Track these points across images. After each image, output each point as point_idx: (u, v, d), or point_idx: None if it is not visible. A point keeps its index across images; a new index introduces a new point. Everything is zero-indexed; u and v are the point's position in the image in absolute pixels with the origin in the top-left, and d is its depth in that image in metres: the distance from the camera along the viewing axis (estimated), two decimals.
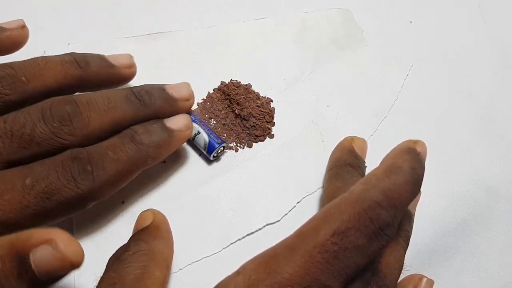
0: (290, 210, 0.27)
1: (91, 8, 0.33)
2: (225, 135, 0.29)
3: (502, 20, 0.38)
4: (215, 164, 0.28)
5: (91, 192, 0.22)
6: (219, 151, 0.27)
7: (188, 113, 0.27)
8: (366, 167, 0.27)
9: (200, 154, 0.28)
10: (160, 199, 0.26)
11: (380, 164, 0.22)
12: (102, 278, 0.20)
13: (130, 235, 0.23)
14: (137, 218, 0.24)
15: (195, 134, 0.27)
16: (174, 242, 0.24)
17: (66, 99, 0.23)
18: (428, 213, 0.28)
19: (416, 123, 0.31)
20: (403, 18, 0.36)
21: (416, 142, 0.23)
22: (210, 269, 0.25)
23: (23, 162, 0.21)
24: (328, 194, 0.25)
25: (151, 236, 0.22)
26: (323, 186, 0.28)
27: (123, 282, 0.19)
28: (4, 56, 0.24)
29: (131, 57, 0.27)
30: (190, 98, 0.26)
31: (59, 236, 0.17)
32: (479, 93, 0.34)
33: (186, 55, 0.31)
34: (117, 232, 0.25)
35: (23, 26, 0.25)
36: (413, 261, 0.27)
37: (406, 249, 0.23)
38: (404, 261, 0.23)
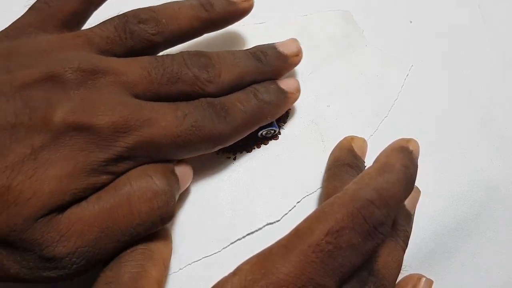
0: (290, 210, 0.27)
1: None
2: None
3: (502, 20, 0.38)
4: (215, 164, 0.28)
5: (222, 135, 0.24)
6: (268, 133, 0.28)
7: None
8: (365, 167, 0.27)
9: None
10: None
11: (373, 163, 0.22)
12: (98, 276, 0.20)
13: None
14: None
15: None
16: (174, 242, 0.24)
17: (200, 52, 0.25)
18: (428, 213, 0.28)
19: (416, 123, 0.31)
20: (403, 18, 0.36)
21: (408, 141, 0.23)
22: (210, 269, 0.25)
23: (167, 99, 0.23)
24: (326, 194, 0.25)
25: (149, 235, 0.22)
26: (322, 186, 0.28)
27: (119, 281, 0.20)
28: None
29: None
30: (299, 53, 0.28)
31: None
32: (479, 93, 0.34)
33: None
34: None
35: None
36: (412, 261, 0.27)
37: (405, 250, 0.23)
38: (403, 261, 0.23)
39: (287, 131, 0.30)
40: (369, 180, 0.20)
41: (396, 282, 0.23)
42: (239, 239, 0.26)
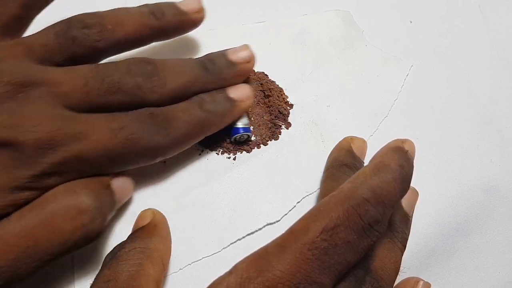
0: (290, 210, 0.27)
1: None
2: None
3: (502, 20, 0.38)
4: (215, 164, 0.28)
5: (162, 147, 0.23)
6: (241, 138, 0.28)
7: None
8: None
9: (200, 153, 0.28)
10: (160, 199, 0.26)
11: (368, 163, 0.22)
12: (97, 275, 0.20)
13: None
14: (137, 217, 0.24)
15: None
16: (174, 242, 0.24)
17: (146, 59, 0.24)
18: (428, 213, 0.28)
19: (416, 123, 0.31)
20: (403, 18, 0.36)
21: (404, 141, 0.23)
22: (210, 269, 0.25)
23: (105, 109, 0.23)
24: (324, 194, 0.25)
25: (148, 234, 0.22)
26: (320, 187, 0.28)
27: (117, 279, 0.20)
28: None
29: (200, 1, 0.27)
30: (251, 59, 0.27)
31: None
32: (479, 93, 0.34)
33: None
34: (117, 232, 0.25)
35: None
36: (412, 261, 0.27)
37: (403, 251, 0.23)
38: (402, 263, 0.23)
39: (287, 131, 0.30)
40: (364, 179, 0.20)
41: (394, 284, 0.23)
42: (239, 239, 0.26)
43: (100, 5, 0.26)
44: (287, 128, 0.30)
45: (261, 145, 0.29)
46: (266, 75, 0.31)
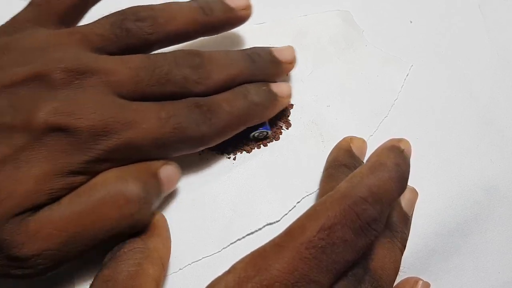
0: (290, 210, 0.27)
1: None
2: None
3: (502, 20, 0.38)
4: (215, 164, 0.28)
5: (205, 136, 0.24)
6: (261, 135, 0.28)
7: None
8: None
9: (200, 153, 0.28)
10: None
11: (365, 163, 0.22)
12: (97, 275, 0.20)
13: None
14: None
15: None
16: (174, 242, 0.24)
17: (193, 51, 0.25)
18: (428, 213, 0.28)
19: (416, 123, 0.31)
20: (403, 18, 0.36)
21: (399, 140, 0.23)
22: (210, 269, 0.25)
23: (154, 99, 0.23)
24: (322, 194, 0.25)
25: (148, 234, 0.22)
26: (319, 187, 0.28)
27: (117, 279, 0.20)
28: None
29: None
30: (293, 61, 0.28)
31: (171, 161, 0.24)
32: (479, 93, 0.34)
33: None
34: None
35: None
36: (413, 261, 0.27)
37: (403, 251, 0.23)
38: (401, 263, 0.23)
39: (287, 131, 0.30)
40: (361, 178, 0.20)
41: (394, 284, 0.23)
42: (239, 239, 0.26)
43: None
44: (287, 128, 0.30)
45: (261, 145, 0.29)
46: None
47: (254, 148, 0.29)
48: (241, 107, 0.25)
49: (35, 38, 0.23)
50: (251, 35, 0.33)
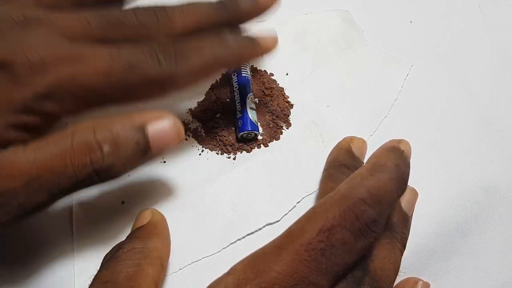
0: (290, 210, 0.27)
1: None
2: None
3: (502, 20, 0.38)
4: (215, 164, 0.28)
5: (172, 76, 0.22)
6: (249, 135, 0.28)
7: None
8: None
9: (200, 153, 0.28)
10: (160, 199, 0.26)
11: (365, 164, 0.22)
12: (95, 276, 0.20)
13: None
14: (136, 217, 0.24)
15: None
16: (174, 242, 0.24)
17: (153, 5, 0.24)
18: (428, 213, 0.28)
19: (416, 123, 0.31)
20: (403, 18, 0.36)
21: (399, 141, 0.23)
22: (210, 269, 0.25)
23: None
24: (322, 194, 0.25)
25: (147, 234, 0.22)
26: (319, 187, 0.28)
27: (115, 280, 0.20)
28: None
29: None
30: None
31: (171, 114, 0.21)
32: (479, 93, 0.34)
33: None
34: (117, 232, 0.25)
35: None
36: (413, 261, 0.27)
37: (403, 252, 0.23)
38: (401, 263, 0.23)
39: (287, 131, 0.30)
40: (360, 179, 0.20)
41: (394, 285, 0.23)
42: (239, 239, 0.26)
43: None
44: (287, 128, 0.30)
45: (261, 145, 0.29)
46: (267, 73, 0.31)
47: (254, 148, 0.29)
48: (215, 49, 0.23)
49: None
50: None
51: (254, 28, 0.26)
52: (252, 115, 0.28)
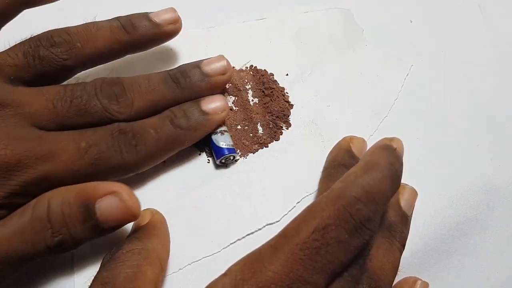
0: (290, 210, 0.27)
1: None
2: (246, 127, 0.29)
3: (502, 20, 0.38)
4: (215, 165, 0.28)
5: (133, 164, 0.24)
6: (228, 159, 0.27)
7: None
8: None
9: (200, 153, 0.28)
10: (160, 199, 0.26)
11: (358, 162, 0.22)
12: (95, 277, 0.20)
13: None
14: None
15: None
16: (174, 242, 0.24)
17: (114, 80, 0.24)
18: (428, 213, 0.28)
19: (416, 123, 0.31)
20: (403, 18, 0.36)
21: (392, 139, 0.23)
22: (210, 269, 0.25)
23: (74, 128, 0.23)
24: (321, 194, 0.25)
25: (146, 234, 0.22)
26: (318, 187, 0.28)
27: (115, 281, 0.20)
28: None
29: (175, 11, 0.27)
30: (226, 71, 0.27)
31: (123, 189, 0.20)
32: (479, 93, 0.34)
33: (186, 56, 0.31)
34: (116, 233, 0.25)
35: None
36: (412, 261, 0.27)
37: (402, 251, 0.23)
38: (401, 263, 0.23)
39: (287, 131, 0.30)
40: (354, 178, 0.20)
41: (393, 284, 0.23)
42: (239, 240, 0.26)
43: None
44: (287, 128, 0.30)
45: (262, 145, 0.29)
46: (268, 72, 0.31)
47: (257, 149, 0.29)
48: (168, 132, 0.24)
49: None
50: (251, 32, 0.33)
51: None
52: (221, 139, 0.27)
